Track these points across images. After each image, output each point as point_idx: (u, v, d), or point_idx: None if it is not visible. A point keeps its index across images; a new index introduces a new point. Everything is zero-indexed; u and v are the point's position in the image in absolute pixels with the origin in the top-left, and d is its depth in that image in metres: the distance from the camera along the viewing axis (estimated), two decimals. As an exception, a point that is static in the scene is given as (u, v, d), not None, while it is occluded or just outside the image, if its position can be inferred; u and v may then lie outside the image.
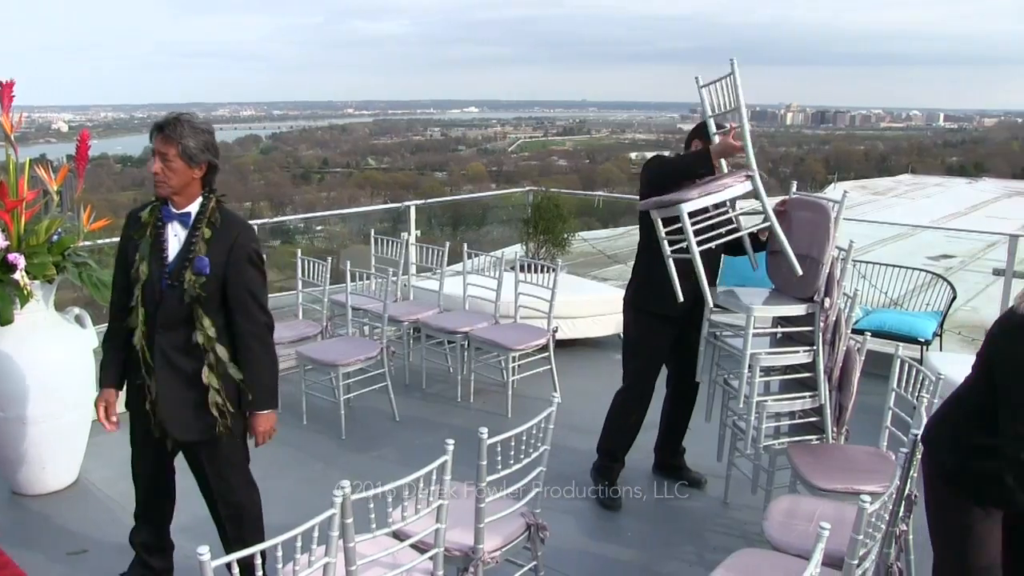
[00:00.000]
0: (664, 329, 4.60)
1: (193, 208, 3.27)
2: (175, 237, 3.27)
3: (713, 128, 4.24)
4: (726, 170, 4.26)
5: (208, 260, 3.21)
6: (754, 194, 4.08)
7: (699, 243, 4.04)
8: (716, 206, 4.14)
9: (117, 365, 3.45)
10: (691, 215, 4.01)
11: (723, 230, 4.16)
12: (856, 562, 2.47)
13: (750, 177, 4.08)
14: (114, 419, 3.47)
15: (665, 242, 4.23)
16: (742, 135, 3.96)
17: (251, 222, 6.87)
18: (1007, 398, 2.58)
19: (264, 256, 3.40)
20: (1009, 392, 2.58)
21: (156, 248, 3.26)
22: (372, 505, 2.59)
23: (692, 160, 4.25)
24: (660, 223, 4.23)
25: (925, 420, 3.30)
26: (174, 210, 3.26)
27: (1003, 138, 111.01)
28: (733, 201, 4.18)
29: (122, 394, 3.49)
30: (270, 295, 7.40)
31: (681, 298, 4.22)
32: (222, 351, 3.28)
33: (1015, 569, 2.81)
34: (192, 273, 3.19)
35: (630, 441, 4.83)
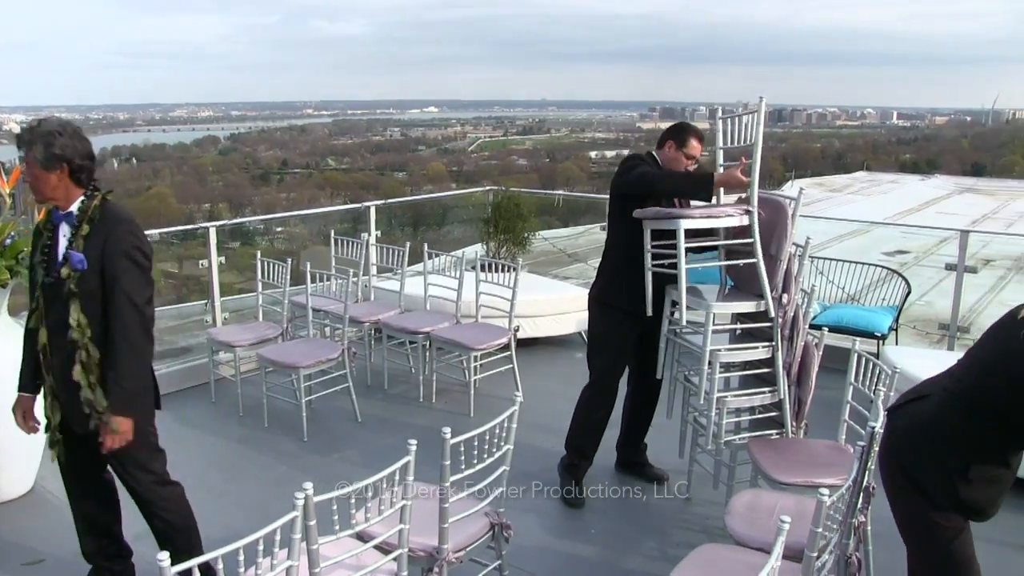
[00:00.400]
0: (631, 325, 4.64)
1: (75, 207, 3.26)
2: (64, 237, 3.27)
3: (721, 159, 4.32)
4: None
5: (84, 255, 3.18)
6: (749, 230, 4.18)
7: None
8: (710, 229, 4.25)
9: (30, 369, 3.44)
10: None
11: (707, 254, 4.32)
12: (816, 554, 2.50)
13: (748, 212, 4.16)
14: (32, 423, 3.47)
15: (650, 255, 4.35)
16: (752, 172, 4.06)
17: (210, 224, 6.87)
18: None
19: (148, 252, 3.29)
20: None
21: (46, 249, 3.28)
22: (335, 507, 2.58)
23: (693, 184, 4.30)
24: (649, 233, 4.33)
25: (882, 413, 3.35)
26: (60, 212, 3.27)
27: (953, 136, 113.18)
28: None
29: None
30: (231, 297, 7.43)
31: (651, 312, 4.39)
32: (95, 349, 3.24)
33: None
34: (68, 268, 3.19)
35: (598, 438, 4.85)
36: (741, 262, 4.25)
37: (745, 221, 4.17)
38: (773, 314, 4.18)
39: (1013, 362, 2.58)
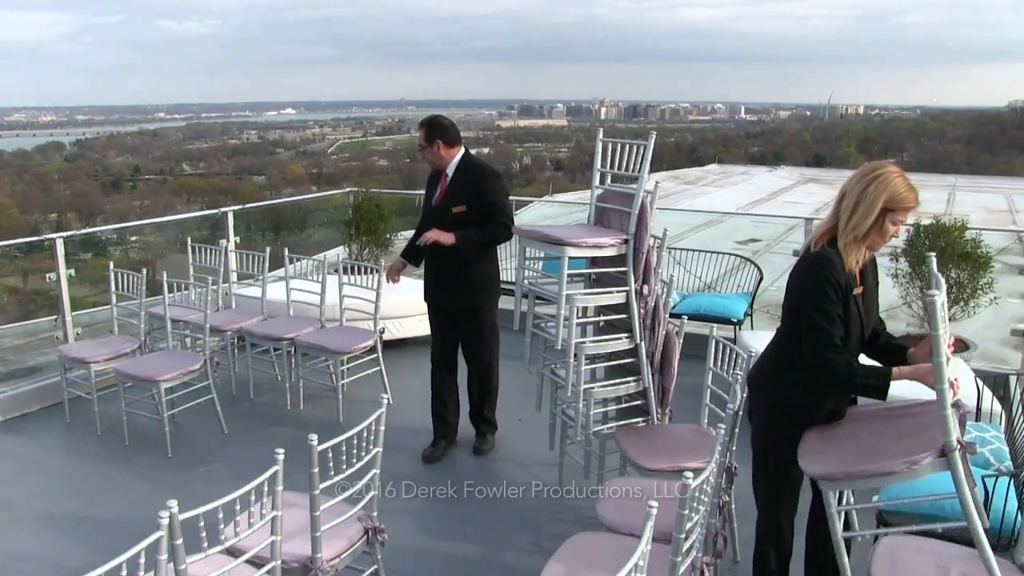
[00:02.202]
0: (439, 321, 5.40)
1: None
2: None
3: (597, 180, 4.53)
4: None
5: None
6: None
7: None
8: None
9: None
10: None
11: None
12: (683, 535, 2.58)
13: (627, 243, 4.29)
14: None
15: (524, 271, 4.57)
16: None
17: (56, 235, 6.56)
18: (802, 316, 3.07)
19: None
20: (802, 312, 3.07)
21: None
22: (202, 523, 2.51)
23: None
24: (525, 251, 4.55)
25: (740, 396, 3.49)
26: None
27: (796, 129, 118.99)
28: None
29: None
30: (84, 311, 7.12)
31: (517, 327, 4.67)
32: None
33: None
34: None
35: (440, 410, 5.41)
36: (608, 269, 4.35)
37: (623, 251, 4.28)
38: (635, 305, 4.29)
39: (789, 277, 3.20)
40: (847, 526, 3.25)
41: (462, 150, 5.16)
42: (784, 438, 3.17)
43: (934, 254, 3.25)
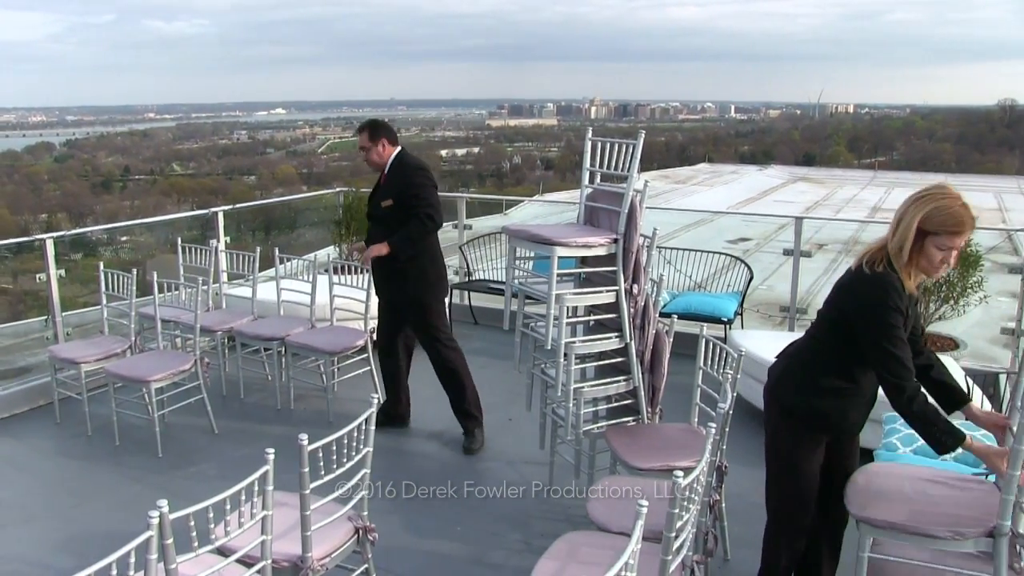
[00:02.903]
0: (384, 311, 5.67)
1: None
2: None
3: (587, 179, 4.53)
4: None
5: None
6: None
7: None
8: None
9: None
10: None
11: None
12: (673, 534, 2.59)
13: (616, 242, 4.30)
14: None
15: (516, 270, 4.58)
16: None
17: (46, 235, 6.53)
18: (862, 337, 3.03)
19: None
20: (864, 335, 3.03)
21: None
22: (193, 523, 2.50)
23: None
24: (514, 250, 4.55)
25: (731, 395, 3.50)
26: None
27: (785, 128, 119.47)
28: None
29: None
30: (74, 311, 7.10)
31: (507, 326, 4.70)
32: None
33: (827, 470, 3.33)
34: None
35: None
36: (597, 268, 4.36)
37: (613, 250, 4.29)
38: (624, 305, 4.30)
39: (840, 291, 3.14)
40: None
41: (399, 149, 5.49)
42: (803, 443, 3.23)
43: None
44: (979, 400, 4.72)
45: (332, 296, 6.32)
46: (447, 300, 5.75)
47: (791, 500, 3.32)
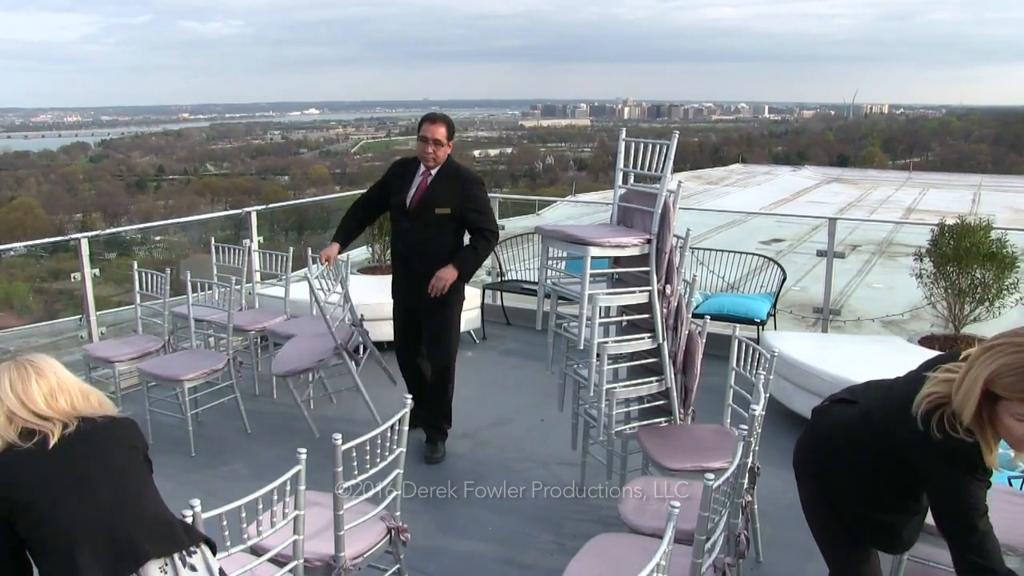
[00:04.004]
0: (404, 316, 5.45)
1: None
2: None
3: (620, 180, 4.50)
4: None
5: None
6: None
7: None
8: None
9: None
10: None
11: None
12: (705, 536, 2.57)
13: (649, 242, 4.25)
14: None
15: (549, 270, 4.53)
16: None
17: (81, 235, 6.62)
18: (945, 517, 2.43)
19: None
20: (947, 515, 2.42)
21: None
22: (225, 522, 2.52)
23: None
24: (548, 250, 4.51)
25: (763, 396, 3.47)
26: None
27: (820, 129, 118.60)
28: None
29: None
30: (108, 310, 7.17)
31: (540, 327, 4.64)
32: None
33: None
34: None
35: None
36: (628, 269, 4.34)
37: (646, 250, 4.26)
38: (657, 305, 4.28)
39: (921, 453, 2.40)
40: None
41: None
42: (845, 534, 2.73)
43: None
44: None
45: (346, 296, 6.32)
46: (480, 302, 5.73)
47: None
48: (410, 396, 3.37)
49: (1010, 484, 3.55)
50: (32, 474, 2.22)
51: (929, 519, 2.53)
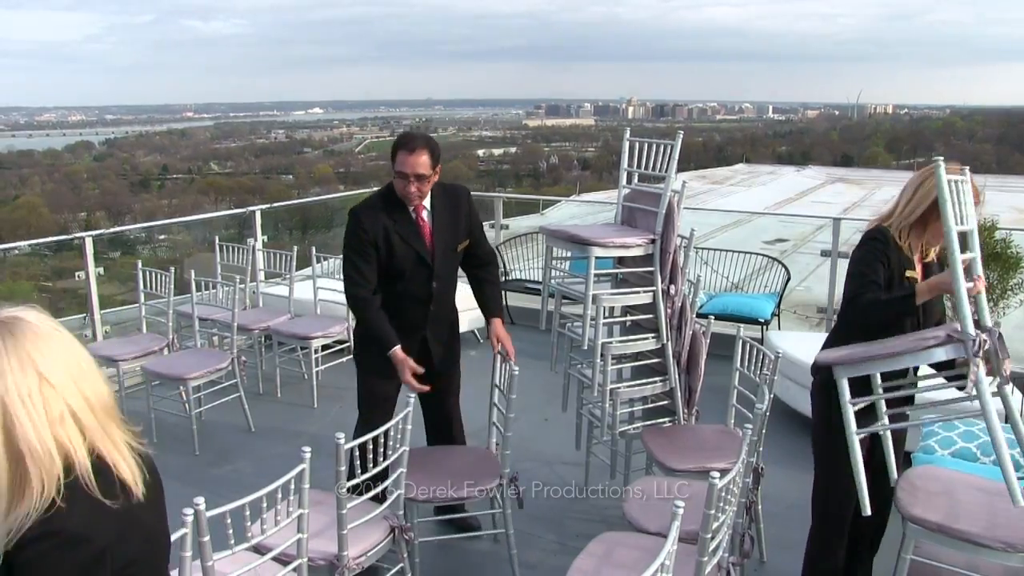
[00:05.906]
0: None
1: None
2: None
3: (624, 180, 4.48)
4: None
5: None
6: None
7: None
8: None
9: None
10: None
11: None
12: (709, 535, 2.57)
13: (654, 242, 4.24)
14: None
15: (553, 270, 4.53)
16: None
17: (85, 234, 6.62)
18: (846, 279, 3.18)
19: None
20: (847, 276, 3.17)
21: None
22: (229, 520, 2.52)
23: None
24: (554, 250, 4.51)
25: (768, 396, 3.47)
26: None
27: (824, 129, 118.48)
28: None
29: None
30: (112, 309, 7.18)
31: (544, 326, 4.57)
32: None
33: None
34: None
35: None
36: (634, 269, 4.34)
37: (650, 250, 4.25)
38: (661, 305, 4.27)
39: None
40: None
41: None
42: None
43: (942, 159, 2.80)
44: (1022, 404, 4.64)
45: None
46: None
47: (839, 502, 3.30)
48: (413, 395, 3.36)
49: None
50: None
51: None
